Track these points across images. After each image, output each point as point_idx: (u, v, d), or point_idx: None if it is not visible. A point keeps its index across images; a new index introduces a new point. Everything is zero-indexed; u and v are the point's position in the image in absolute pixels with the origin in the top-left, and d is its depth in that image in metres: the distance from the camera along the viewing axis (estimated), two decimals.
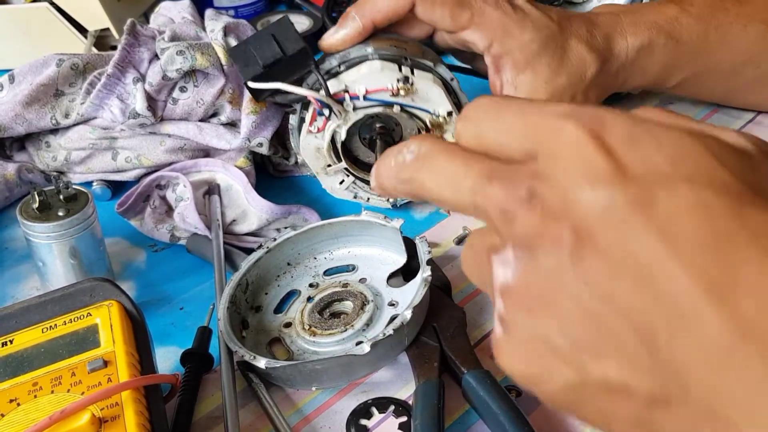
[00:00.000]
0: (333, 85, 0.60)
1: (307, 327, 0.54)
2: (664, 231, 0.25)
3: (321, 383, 0.51)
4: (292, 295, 0.59)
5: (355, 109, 0.61)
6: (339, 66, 0.62)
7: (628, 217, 0.26)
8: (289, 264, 0.60)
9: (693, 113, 0.79)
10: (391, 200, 0.67)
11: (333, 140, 0.62)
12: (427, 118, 0.62)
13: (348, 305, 0.56)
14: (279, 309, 0.58)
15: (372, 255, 0.60)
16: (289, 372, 0.50)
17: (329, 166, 0.64)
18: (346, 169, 0.64)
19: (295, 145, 0.66)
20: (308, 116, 0.62)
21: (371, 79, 0.60)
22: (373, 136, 0.64)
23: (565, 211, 0.27)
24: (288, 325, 0.56)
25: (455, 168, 0.30)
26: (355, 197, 0.66)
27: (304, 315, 0.55)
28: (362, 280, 0.58)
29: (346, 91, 0.60)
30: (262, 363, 0.49)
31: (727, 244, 0.24)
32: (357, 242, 0.61)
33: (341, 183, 0.65)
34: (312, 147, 0.63)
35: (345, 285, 0.57)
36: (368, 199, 0.66)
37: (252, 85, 0.61)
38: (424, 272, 0.53)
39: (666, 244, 0.25)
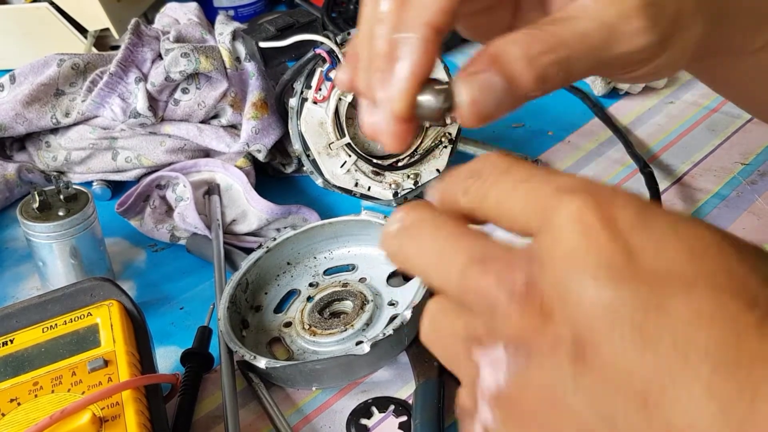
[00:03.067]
0: None
1: (307, 327, 0.54)
2: (677, 345, 0.22)
3: (321, 383, 0.51)
4: (292, 294, 0.59)
5: None
6: (347, 34, 0.63)
7: (636, 325, 0.23)
8: (288, 263, 0.61)
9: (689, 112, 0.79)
10: (392, 192, 0.66)
11: (337, 112, 0.62)
12: None
13: (348, 305, 0.56)
14: (279, 308, 0.58)
15: (372, 254, 0.60)
16: (289, 372, 0.50)
17: (331, 144, 0.63)
18: (348, 145, 0.63)
19: (293, 133, 0.65)
20: (315, 81, 0.62)
21: None
22: None
23: (565, 310, 0.24)
24: (288, 324, 0.56)
25: (443, 245, 0.27)
26: (356, 184, 0.65)
27: (304, 314, 0.55)
28: (362, 280, 0.58)
29: None
30: (262, 363, 0.49)
31: (749, 365, 0.22)
32: (357, 242, 0.61)
33: (342, 165, 0.64)
34: (315, 121, 0.63)
35: (345, 284, 0.57)
36: (369, 187, 0.65)
37: (263, 44, 0.62)
38: None
39: (678, 361, 0.22)
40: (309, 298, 0.57)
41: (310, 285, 0.59)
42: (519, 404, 0.25)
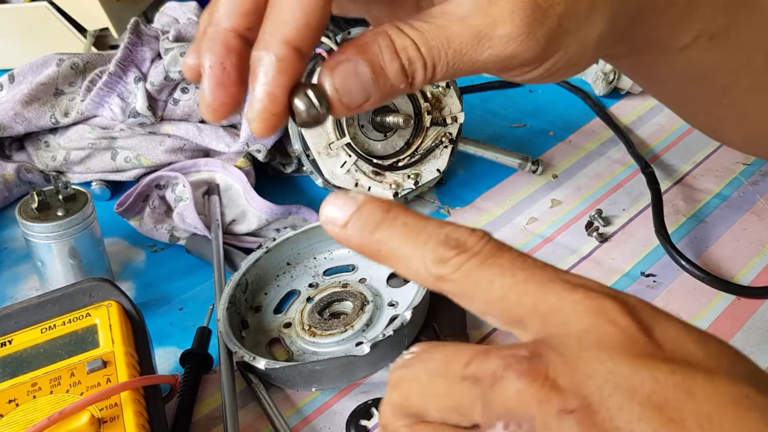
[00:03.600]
0: None
1: (306, 327, 0.54)
2: (703, 427, 0.22)
3: (321, 384, 0.51)
4: (291, 295, 0.59)
5: None
6: (348, 33, 0.62)
7: (656, 404, 0.22)
8: (288, 264, 0.60)
9: None
10: (392, 192, 0.65)
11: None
12: (428, 90, 0.64)
13: (348, 305, 0.55)
14: (279, 309, 0.58)
15: None
16: (288, 373, 0.50)
17: (331, 144, 0.63)
18: (348, 145, 0.63)
19: (293, 132, 0.65)
20: (315, 81, 0.62)
21: None
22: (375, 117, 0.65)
23: (575, 381, 0.23)
24: (288, 325, 0.56)
25: (448, 352, 0.27)
26: (356, 185, 0.65)
27: (304, 315, 0.55)
28: (362, 281, 0.58)
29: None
30: (261, 364, 0.49)
31: None
32: None
33: (342, 165, 0.64)
34: None
35: (345, 285, 0.57)
36: (369, 188, 0.65)
37: None
38: None
39: None
40: (309, 299, 0.57)
41: (310, 285, 0.59)
42: None
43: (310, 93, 0.33)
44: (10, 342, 0.46)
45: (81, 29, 0.88)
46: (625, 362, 0.23)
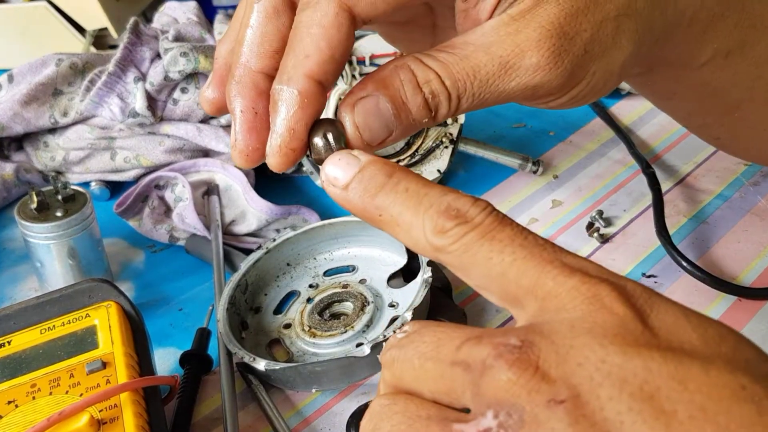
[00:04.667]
0: None
1: (306, 328, 0.54)
2: (694, 418, 0.21)
3: (321, 385, 0.50)
4: (291, 295, 0.59)
5: (361, 74, 0.61)
6: None
7: (647, 393, 0.22)
8: (288, 264, 0.60)
9: None
10: None
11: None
12: None
13: (348, 306, 0.55)
14: (278, 310, 0.58)
15: (372, 255, 0.60)
16: (288, 374, 0.50)
17: None
18: None
19: None
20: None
21: (377, 45, 0.60)
22: None
23: (565, 371, 0.23)
24: (288, 326, 0.56)
25: (440, 335, 0.27)
26: None
27: (304, 316, 0.55)
28: (362, 281, 0.58)
29: (352, 54, 0.60)
30: (261, 365, 0.49)
31: None
32: (357, 243, 0.60)
33: None
34: None
35: (345, 286, 0.57)
36: None
37: None
38: (425, 273, 0.52)
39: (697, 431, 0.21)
40: (309, 300, 0.57)
41: (310, 286, 0.58)
42: None
43: (330, 132, 0.33)
44: (9, 343, 0.46)
45: (80, 29, 0.87)
46: (618, 350, 0.23)
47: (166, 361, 0.54)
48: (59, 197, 0.56)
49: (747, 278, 0.58)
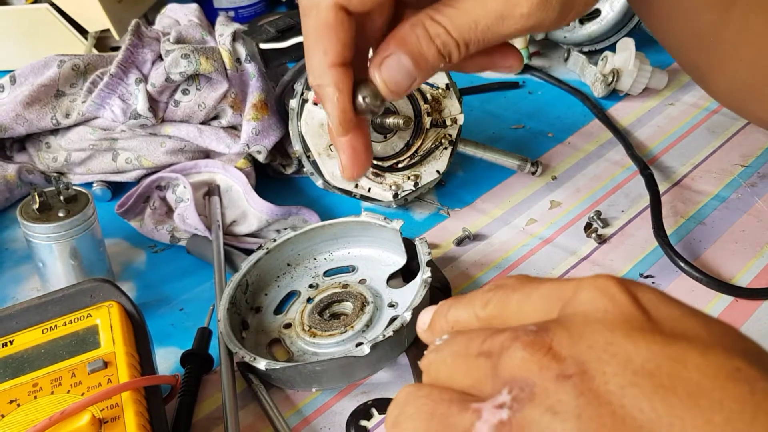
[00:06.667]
0: None
1: (307, 328, 0.54)
2: (690, 394, 0.23)
3: (321, 384, 0.51)
4: (292, 295, 0.59)
5: None
6: None
7: (648, 371, 0.24)
8: (288, 265, 0.60)
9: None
10: (392, 194, 0.65)
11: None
12: (428, 92, 0.65)
13: (348, 306, 0.56)
14: (279, 310, 0.58)
15: (372, 256, 0.60)
16: (288, 373, 0.50)
17: (332, 145, 0.63)
18: None
19: (293, 134, 0.65)
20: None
21: None
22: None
23: (575, 351, 0.25)
24: (288, 326, 0.56)
25: (470, 335, 0.29)
26: (356, 186, 0.65)
27: (304, 316, 0.55)
28: (362, 281, 0.58)
29: None
30: (262, 364, 0.49)
31: (764, 420, 0.22)
32: (357, 243, 0.61)
33: None
34: (315, 122, 0.63)
35: (345, 286, 0.57)
36: (369, 189, 0.65)
37: (264, 46, 0.62)
38: (424, 273, 0.53)
39: (691, 409, 0.23)
40: (309, 300, 0.57)
41: (310, 286, 0.59)
42: None
43: (366, 93, 0.40)
44: (11, 342, 0.46)
45: (82, 31, 0.88)
46: (624, 335, 0.25)
47: (167, 360, 0.54)
48: (61, 198, 0.56)
49: (744, 279, 0.59)
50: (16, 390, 0.44)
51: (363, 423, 0.49)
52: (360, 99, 0.40)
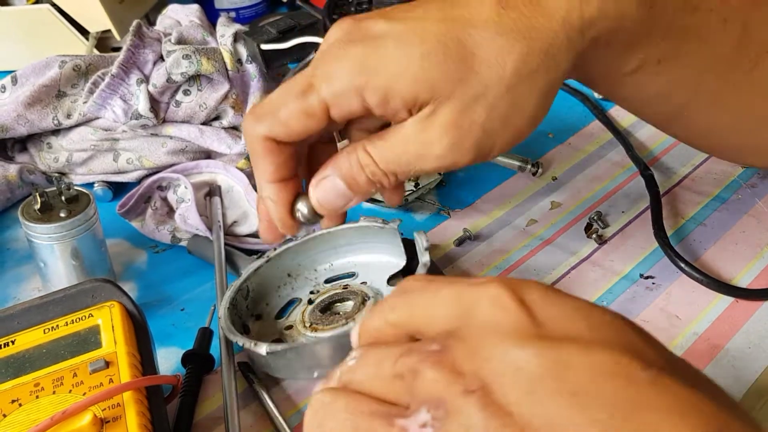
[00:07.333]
0: None
1: (308, 324, 0.54)
2: (576, 394, 0.25)
3: (322, 368, 0.50)
4: (292, 302, 0.59)
5: None
6: None
7: (537, 377, 0.25)
8: (289, 275, 0.60)
9: None
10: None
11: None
12: None
13: (349, 305, 0.56)
14: (280, 315, 0.58)
15: (372, 262, 0.60)
16: (290, 357, 0.50)
17: None
18: None
19: None
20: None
21: None
22: None
23: (474, 366, 0.27)
24: (289, 327, 0.56)
25: (380, 355, 0.31)
26: None
27: (305, 315, 0.55)
28: (363, 284, 0.58)
29: None
30: (263, 348, 0.48)
31: (644, 412, 0.24)
32: (357, 251, 0.60)
33: None
34: None
35: (345, 287, 0.57)
36: None
37: (265, 46, 0.62)
38: (423, 257, 0.52)
39: (577, 409, 0.25)
40: (310, 302, 0.57)
41: (311, 293, 0.59)
42: None
43: (304, 206, 0.46)
44: (13, 342, 0.46)
45: (83, 31, 0.88)
46: (514, 344, 0.27)
47: (168, 360, 0.54)
48: (62, 198, 0.56)
49: (744, 279, 0.59)
50: (17, 390, 0.44)
51: None
52: (297, 213, 0.46)
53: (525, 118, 0.43)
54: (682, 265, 0.59)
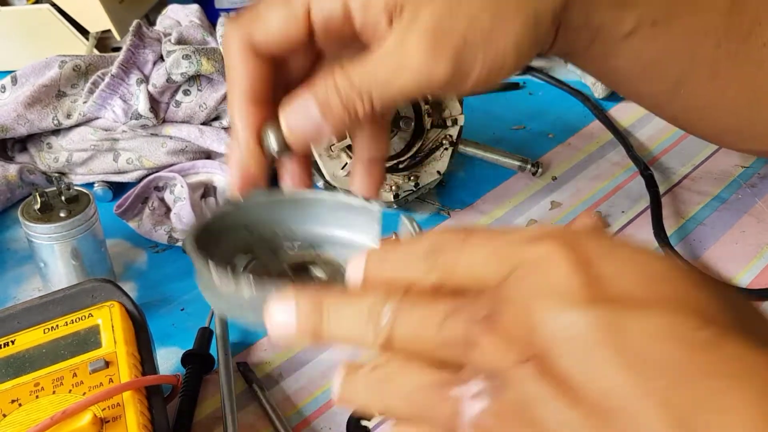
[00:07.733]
0: None
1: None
2: (633, 362, 0.24)
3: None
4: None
5: None
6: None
7: (592, 343, 0.24)
8: (249, 231, 0.49)
9: None
10: (393, 194, 0.65)
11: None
12: None
13: (319, 271, 0.47)
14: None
15: (343, 238, 0.49)
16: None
17: (332, 146, 0.63)
18: (349, 147, 0.63)
19: None
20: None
21: None
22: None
23: (526, 333, 0.26)
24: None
25: (423, 313, 0.29)
26: None
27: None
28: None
29: None
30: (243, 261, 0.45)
31: (702, 378, 0.23)
32: (328, 223, 0.49)
33: (343, 167, 0.64)
34: None
35: (317, 255, 0.49)
36: None
37: None
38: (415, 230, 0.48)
39: (635, 377, 0.24)
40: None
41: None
42: (501, 427, 0.26)
43: (270, 132, 0.42)
44: (12, 342, 0.46)
45: (83, 31, 0.88)
46: (566, 307, 0.25)
47: (168, 360, 0.54)
48: (62, 198, 0.56)
49: (744, 279, 0.59)
50: (17, 389, 0.44)
51: (364, 423, 0.49)
52: (264, 141, 0.43)
53: (508, 42, 0.41)
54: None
